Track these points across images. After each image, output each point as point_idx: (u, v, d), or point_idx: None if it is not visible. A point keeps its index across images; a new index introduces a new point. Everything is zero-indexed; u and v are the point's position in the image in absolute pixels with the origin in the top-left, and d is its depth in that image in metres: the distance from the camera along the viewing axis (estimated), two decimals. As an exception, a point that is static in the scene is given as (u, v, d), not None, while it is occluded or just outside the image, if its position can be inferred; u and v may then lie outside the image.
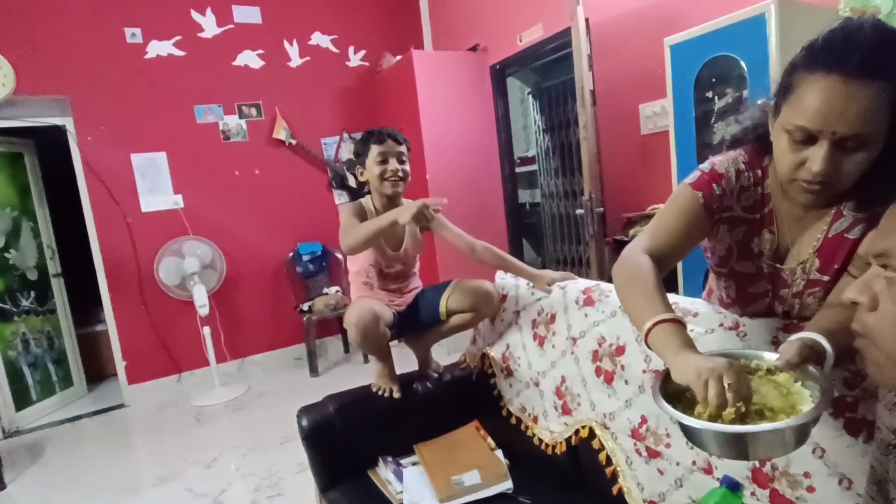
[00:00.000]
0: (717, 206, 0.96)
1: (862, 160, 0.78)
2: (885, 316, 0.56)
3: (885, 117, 0.75)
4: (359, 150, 1.77)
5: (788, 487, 0.90)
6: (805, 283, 0.97)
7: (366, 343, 1.64)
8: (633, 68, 2.83)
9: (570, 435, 1.39)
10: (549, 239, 4.63)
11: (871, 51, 0.73)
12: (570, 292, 1.52)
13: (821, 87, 0.75)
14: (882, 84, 0.73)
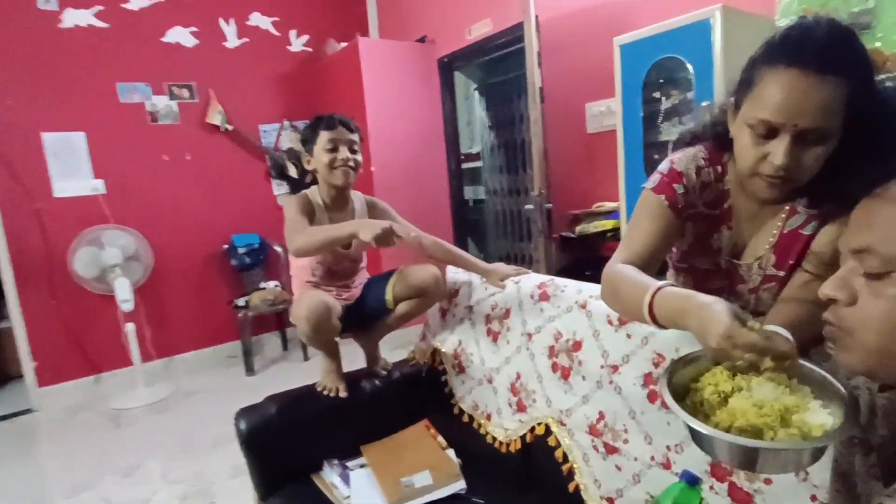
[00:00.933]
0: (682, 205, 0.97)
1: (820, 154, 0.80)
2: (866, 311, 0.56)
3: (841, 113, 0.77)
4: (306, 137, 1.66)
5: (746, 480, 0.91)
6: (761, 278, 0.99)
7: (317, 337, 1.55)
8: (581, 67, 2.87)
9: (525, 432, 1.37)
10: (493, 236, 4.65)
11: (829, 47, 0.75)
12: (524, 287, 1.49)
13: (782, 80, 0.77)
14: (838, 79, 0.75)
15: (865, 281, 0.57)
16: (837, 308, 0.60)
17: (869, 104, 0.78)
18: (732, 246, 1.01)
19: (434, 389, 1.71)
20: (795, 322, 0.86)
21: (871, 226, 0.57)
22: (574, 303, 1.32)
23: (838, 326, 0.59)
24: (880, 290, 0.56)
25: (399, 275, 1.68)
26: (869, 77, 0.78)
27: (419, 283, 1.62)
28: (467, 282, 1.70)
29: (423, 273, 1.63)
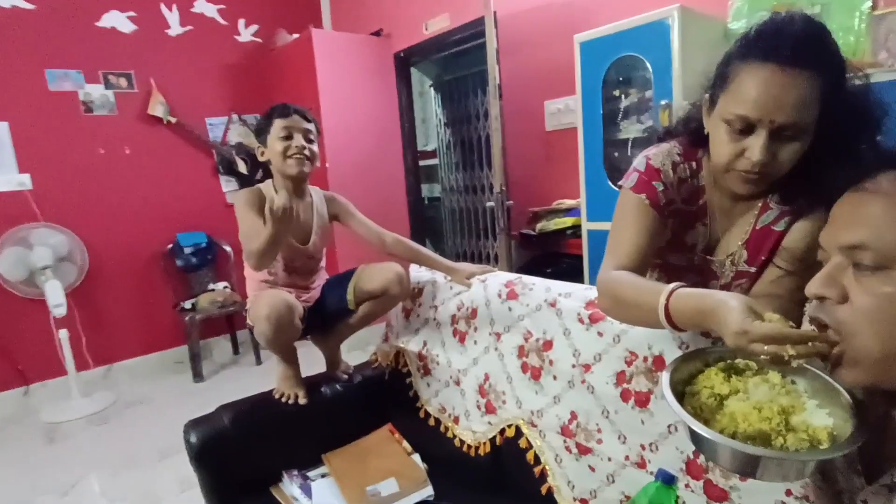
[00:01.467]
0: (664, 203, 0.95)
1: (796, 149, 0.80)
2: (859, 308, 0.55)
3: (816, 108, 0.77)
4: (261, 127, 1.57)
5: (722, 477, 0.91)
6: (733, 274, 0.99)
7: (278, 338, 1.46)
8: (539, 65, 2.87)
9: (495, 435, 1.33)
10: (450, 234, 4.62)
11: (804, 41, 0.75)
12: (491, 286, 1.46)
13: (758, 75, 0.77)
14: (813, 74, 0.75)
15: (856, 277, 0.56)
16: (826, 307, 0.58)
17: (841, 100, 0.79)
18: (706, 242, 1.01)
19: (398, 392, 1.65)
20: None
21: (865, 221, 0.56)
22: (543, 301, 1.29)
23: (834, 328, 0.57)
24: (872, 287, 0.54)
25: (361, 273, 1.62)
26: (841, 72, 0.79)
27: (382, 281, 1.56)
28: (431, 280, 1.66)
29: (386, 271, 1.57)
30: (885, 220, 0.54)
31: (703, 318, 0.71)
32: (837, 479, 0.68)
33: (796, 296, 0.89)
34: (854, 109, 0.79)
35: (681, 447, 0.97)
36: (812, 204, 0.87)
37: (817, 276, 0.59)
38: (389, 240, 1.67)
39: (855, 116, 0.79)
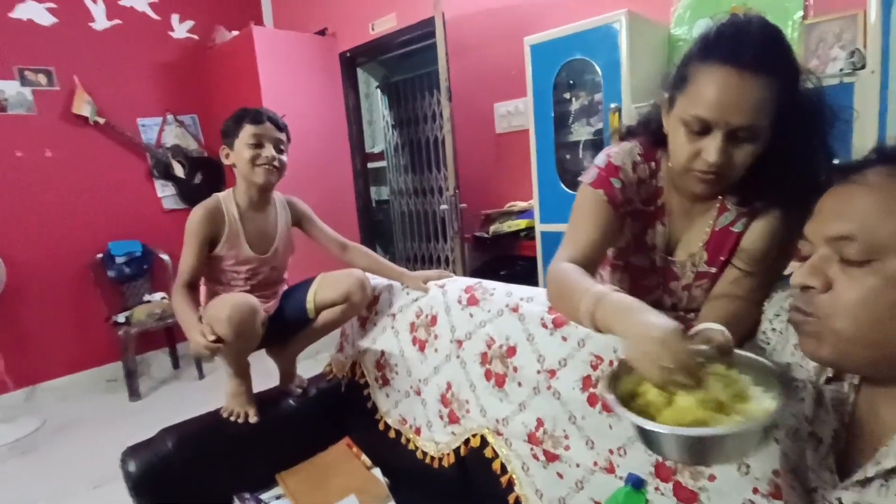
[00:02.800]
0: (620, 200, 0.96)
1: (751, 152, 0.81)
2: (842, 298, 0.56)
3: (771, 111, 0.78)
4: (228, 130, 1.48)
5: (691, 479, 0.91)
6: (694, 275, 1.00)
7: (238, 343, 1.34)
8: (489, 67, 2.87)
9: (459, 445, 1.30)
10: (400, 237, 4.56)
11: (762, 46, 0.76)
12: (450, 292, 1.43)
13: (716, 78, 0.77)
14: (770, 78, 0.76)
15: (841, 269, 0.57)
16: (810, 295, 0.59)
17: (794, 103, 0.80)
18: (666, 243, 1.01)
19: (355, 405, 1.59)
20: (727, 318, 0.88)
21: (852, 213, 0.56)
22: (505, 306, 1.27)
23: (811, 313, 0.58)
24: (858, 278, 0.55)
25: (321, 281, 1.55)
26: (796, 76, 0.80)
27: (344, 289, 1.50)
28: (387, 287, 1.61)
29: (347, 278, 1.51)
30: (873, 212, 0.55)
31: (620, 329, 0.71)
32: (809, 477, 0.68)
33: (755, 296, 0.91)
34: (806, 112, 0.81)
35: (649, 450, 0.97)
36: (768, 205, 0.89)
37: (803, 266, 0.59)
38: (350, 248, 1.61)
39: (807, 119, 0.81)
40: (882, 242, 0.54)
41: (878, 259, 0.54)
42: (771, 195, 0.88)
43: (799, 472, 0.70)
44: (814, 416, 0.69)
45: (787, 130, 0.80)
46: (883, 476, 0.57)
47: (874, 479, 0.57)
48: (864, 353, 0.56)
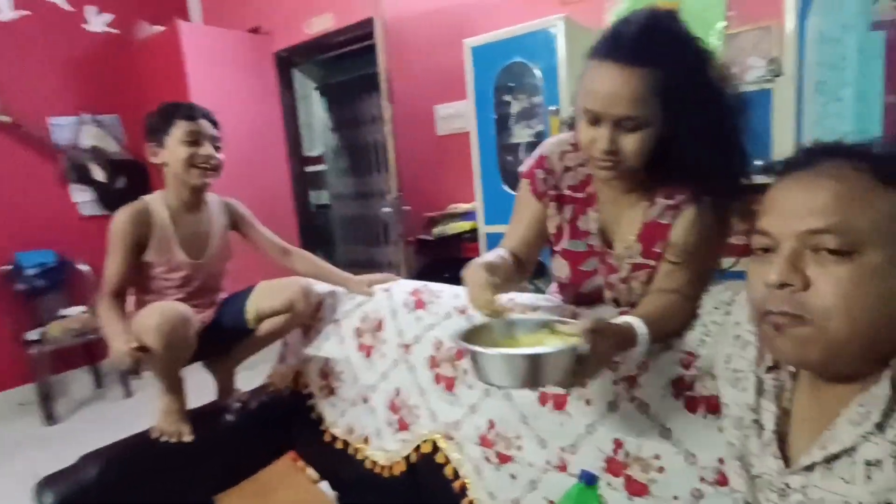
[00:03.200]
0: (542, 189, 1.04)
1: (641, 139, 0.84)
2: (826, 294, 0.55)
3: (657, 101, 0.81)
4: (156, 126, 1.37)
5: (641, 472, 0.93)
6: (631, 267, 1.00)
7: (169, 355, 1.25)
8: (428, 69, 2.86)
9: (410, 452, 1.26)
10: (341, 242, 4.47)
11: (639, 39, 0.80)
12: (396, 295, 1.39)
13: (598, 73, 0.83)
14: (649, 70, 0.79)
15: (817, 264, 0.56)
16: (791, 296, 0.57)
17: (693, 92, 0.81)
18: (601, 231, 1.03)
19: (300, 417, 1.52)
20: (661, 311, 0.91)
21: (828, 207, 0.56)
22: (452, 308, 1.26)
23: (800, 315, 0.56)
24: (838, 273, 0.55)
25: (261, 289, 1.46)
26: (691, 66, 0.81)
27: (287, 297, 1.42)
28: (331, 292, 1.55)
29: (290, 286, 1.43)
30: (851, 204, 0.55)
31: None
32: (753, 463, 0.70)
33: (688, 290, 0.93)
34: (711, 101, 0.82)
35: (600, 446, 0.98)
36: (691, 198, 0.91)
37: (777, 265, 0.58)
38: (292, 253, 1.54)
39: (708, 106, 0.82)
40: (862, 235, 0.54)
41: (857, 252, 0.54)
42: (690, 188, 0.90)
43: (744, 460, 0.72)
44: (756, 405, 0.71)
45: (687, 117, 0.82)
46: (826, 460, 0.59)
47: (819, 464, 0.60)
48: (853, 352, 0.56)
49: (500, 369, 0.74)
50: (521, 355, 0.72)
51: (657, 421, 0.92)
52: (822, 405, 0.63)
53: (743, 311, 0.82)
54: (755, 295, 0.62)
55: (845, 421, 0.58)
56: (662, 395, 0.93)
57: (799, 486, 0.62)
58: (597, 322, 0.76)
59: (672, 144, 0.85)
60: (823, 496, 0.59)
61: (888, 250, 0.54)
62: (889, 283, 0.54)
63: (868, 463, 0.55)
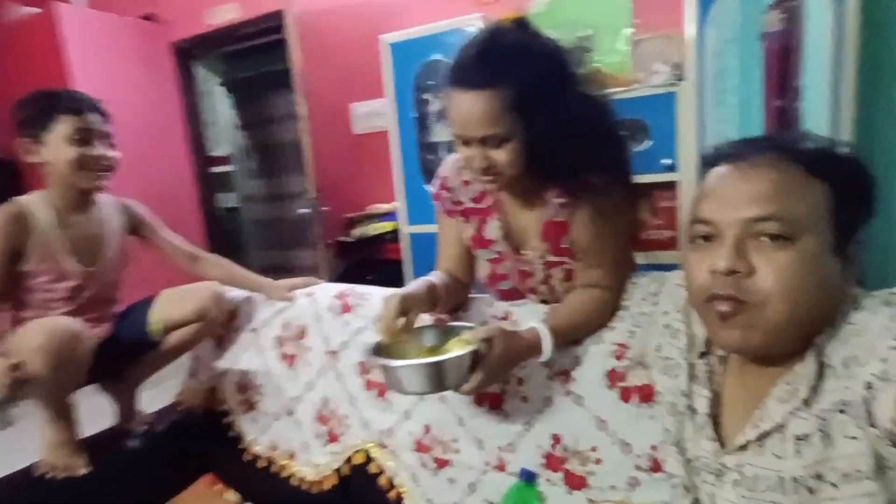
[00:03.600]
0: (450, 208, 1.08)
1: (510, 151, 0.86)
2: (768, 279, 0.57)
3: (513, 115, 0.83)
4: (31, 119, 1.19)
5: (580, 465, 0.94)
6: (545, 267, 1.02)
7: (57, 378, 1.08)
8: (343, 65, 2.78)
9: (341, 464, 1.20)
10: (253, 247, 4.23)
11: (478, 64, 0.83)
12: (320, 300, 1.32)
13: (451, 101, 0.86)
14: (492, 91, 0.82)
15: (759, 251, 0.58)
16: (738, 282, 0.59)
17: (550, 98, 0.83)
18: (508, 239, 1.03)
19: (216, 436, 1.40)
20: (584, 306, 0.95)
21: (771, 195, 0.58)
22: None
23: (744, 301, 0.58)
24: (778, 260, 0.57)
25: (166, 297, 1.32)
26: (541, 74, 0.83)
27: (195, 304, 1.29)
28: (246, 299, 1.44)
29: (198, 291, 1.31)
30: (791, 193, 0.58)
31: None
32: (688, 448, 0.73)
33: (605, 282, 0.96)
34: (572, 103, 0.85)
35: (538, 442, 0.98)
36: (581, 196, 0.92)
37: (723, 252, 0.59)
38: (202, 259, 1.41)
39: (578, 109, 0.85)
40: (799, 222, 0.57)
41: (795, 239, 0.57)
42: (574, 184, 0.92)
43: (680, 445, 0.75)
44: (689, 391, 0.74)
45: (547, 122, 0.84)
46: (758, 439, 0.62)
47: (752, 442, 0.62)
48: (789, 334, 0.58)
49: (406, 378, 0.83)
50: (421, 364, 0.82)
51: (593, 413, 0.94)
52: (751, 386, 0.66)
53: (670, 302, 0.85)
54: (698, 282, 0.63)
55: (774, 399, 0.61)
56: (597, 387, 0.94)
57: (734, 465, 0.64)
58: (489, 330, 0.85)
59: (544, 147, 0.87)
60: (758, 472, 0.61)
61: (820, 237, 0.57)
62: (823, 268, 0.58)
63: (798, 438, 0.59)
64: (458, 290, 1.10)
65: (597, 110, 0.90)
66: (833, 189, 0.58)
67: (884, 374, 0.45)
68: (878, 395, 0.46)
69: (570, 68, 0.87)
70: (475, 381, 0.83)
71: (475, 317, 1.11)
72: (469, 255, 1.11)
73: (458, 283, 1.10)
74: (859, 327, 0.57)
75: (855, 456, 0.53)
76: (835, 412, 0.55)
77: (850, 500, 0.54)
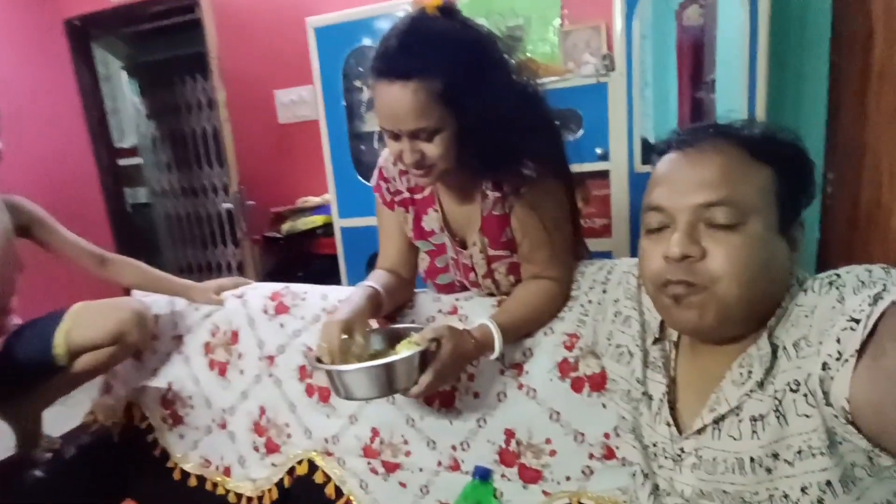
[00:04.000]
0: (389, 199, 1.04)
1: (441, 143, 0.83)
2: (719, 263, 0.58)
3: (441, 106, 0.79)
4: None
5: (534, 458, 0.93)
6: (486, 260, 0.99)
7: None
8: (266, 50, 2.62)
9: (282, 476, 1.12)
10: (168, 245, 3.93)
11: (398, 55, 0.79)
12: (252, 301, 1.23)
13: (378, 93, 0.81)
14: (420, 80, 0.77)
15: (709, 235, 0.59)
16: (690, 266, 0.59)
17: (477, 86, 0.80)
18: (449, 232, 1.00)
19: (137, 456, 1.27)
20: (532, 297, 0.94)
21: (720, 181, 0.59)
22: (321, 310, 1.15)
23: (696, 283, 0.59)
24: (727, 242, 0.58)
25: (77, 314, 1.17)
26: (467, 62, 0.79)
27: (113, 324, 1.15)
28: (168, 304, 1.32)
29: (117, 309, 1.17)
30: (738, 178, 0.59)
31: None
32: (645, 434, 0.73)
33: (551, 273, 0.95)
34: (501, 90, 0.83)
35: (492, 438, 0.96)
36: (518, 187, 0.90)
37: (676, 238, 0.60)
38: (112, 262, 1.26)
39: (508, 97, 0.83)
40: (746, 205, 0.58)
41: (743, 222, 0.58)
42: (514, 179, 0.90)
43: (637, 432, 0.75)
44: (643, 377, 0.74)
45: (476, 112, 0.81)
46: (714, 422, 0.63)
47: (709, 425, 0.63)
48: (741, 313, 0.60)
49: (353, 383, 0.81)
50: (369, 367, 0.79)
51: (546, 405, 0.93)
52: (704, 370, 0.67)
53: (620, 289, 0.85)
54: (652, 268, 0.64)
55: (729, 382, 0.62)
56: (549, 379, 0.93)
57: (692, 448, 0.65)
58: (437, 330, 0.83)
59: (476, 138, 0.84)
60: (716, 455, 0.62)
61: (765, 219, 0.59)
62: (769, 250, 0.59)
63: (753, 419, 0.60)
64: (401, 288, 1.06)
65: (530, 100, 0.88)
66: (776, 172, 0.60)
67: (839, 353, 0.46)
68: (835, 375, 0.47)
69: (499, 57, 0.84)
70: (425, 383, 0.80)
71: (421, 313, 1.08)
72: (412, 249, 1.07)
73: (400, 281, 1.05)
74: (807, 309, 0.58)
75: (809, 433, 0.55)
76: (788, 392, 0.57)
77: (805, 476, 0.56)
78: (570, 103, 1.78)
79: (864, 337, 0.44)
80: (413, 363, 0.80)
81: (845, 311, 0.49)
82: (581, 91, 1.78)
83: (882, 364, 0.41)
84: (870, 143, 1.47)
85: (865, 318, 0.45)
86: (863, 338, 0.44)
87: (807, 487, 0.55)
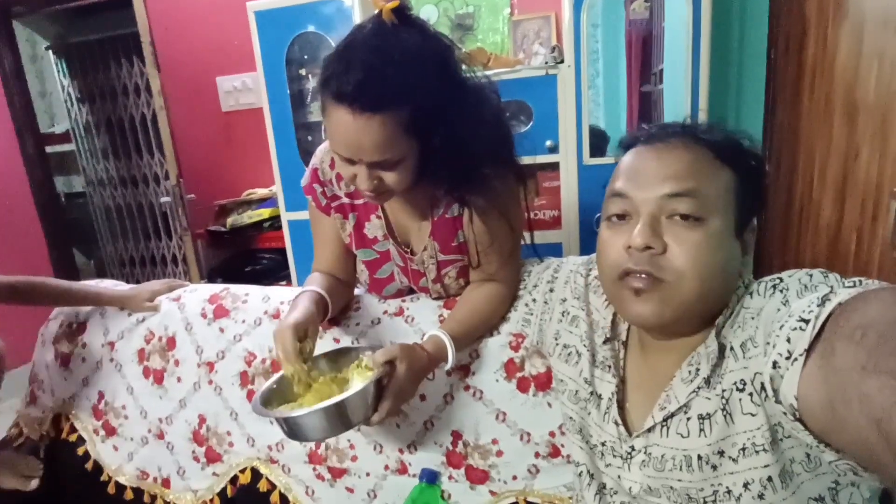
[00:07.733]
0: (324, 203, 0.98)
1: (402, 170, 0.79)
2: (679, 255, 0.59)
3: (405, 137, 0.75)
4: None
5: (481, 459, 0.93)
6: (436, 265, 0.97)
7: None
8: (205, 34, 2.48)
9: (225, 486, 1.09)
10: (106, 238, 3.73)
11: (367, 85, 0.70)
12: (189, 305, 1.18)
13: (337, 119, 0.73)
14: (383, 115, 0.71)
15: (671, 228, 0.60)
16: (652, 258, 0.59)
17: (442, 108, 0.76)
18: (394, 237, 0.97)
19: (67, 470, 1.20)
20: (482, 300, 0.93)
21: (688, 173, 0.60)
22: (264, 313, 1.11)
23: (658, 276, 0.59)
24: (688, 238, 0.59)
25: None
26: (432, 84, 0.75)
27: None
28: (98, 309, 1.24)
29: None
30: (700, 172, 0.60)
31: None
32: (592, 434, 0.74)
33: (501, 274, 0.94)
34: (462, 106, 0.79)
35: (439, 441, 0.95)
36: (470, 191, 0.88)
37: (639, 230, 0.60)
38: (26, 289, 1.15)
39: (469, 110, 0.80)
40: (709, 202, 0.59)
41: (704, 219, 0.59)
42: (464, 180, 0.87)
43: (584, 432, 0.75)
44: (591, 377, 0.74)
45: (441, 132, 0.78)
46: (663, 420, 0.64)
47: (657, 423, 0.64)
48: (697, 310, 0.61)
49: (308, 426, 0.75)
50: (323, 408, 0.72)
51: (492, 406, 0.93)
52: (654, 370, 0.68)
53: (567, 289, 0.85)
54: (611, 258, 0.64)
55: (678, 380, 0.63)
56: (495, 380, 0.93)
57: (641, 447, 0.66)
58: (389, 352, 0.78)
59: (439, 160, 0.80)
60: (664, 452, 0.64)
61: (726, 219, 0.60)
62: (727, 249, 0.61)
63: (701, 417, 0.61)
64: (343, 291, 1.02)
65: (486, 105, 0.83)
66: (737, 176, 0.62)
67: (789, 353, 0.47)
68: (784, 374, 0.48)
69: (457, 68, 0.79)
70: (385, 409, 0.77)
71: (367, 315, 1.05)
72: (350, 252, 1.02)
73: (341, 284, 1.01)
74: (753, 311, 0.60)
75: (753, 431, 0.57)
76: (735, 391, 0.58)
77: (748, 472, 0.57)
78: (521, 95, 1.76)
79: (813, 337, 0.45)
80: (368, 394, 0.76)
81: (793, 312, 0.50)
82: (531, 83, 1.76)
83: (832, 363, 0.42)
84: (803, 139, 1.53)
85: (814, 319, 0.45)
86: (811, 338, 0.45)
87: (749, 483, 0.57)
